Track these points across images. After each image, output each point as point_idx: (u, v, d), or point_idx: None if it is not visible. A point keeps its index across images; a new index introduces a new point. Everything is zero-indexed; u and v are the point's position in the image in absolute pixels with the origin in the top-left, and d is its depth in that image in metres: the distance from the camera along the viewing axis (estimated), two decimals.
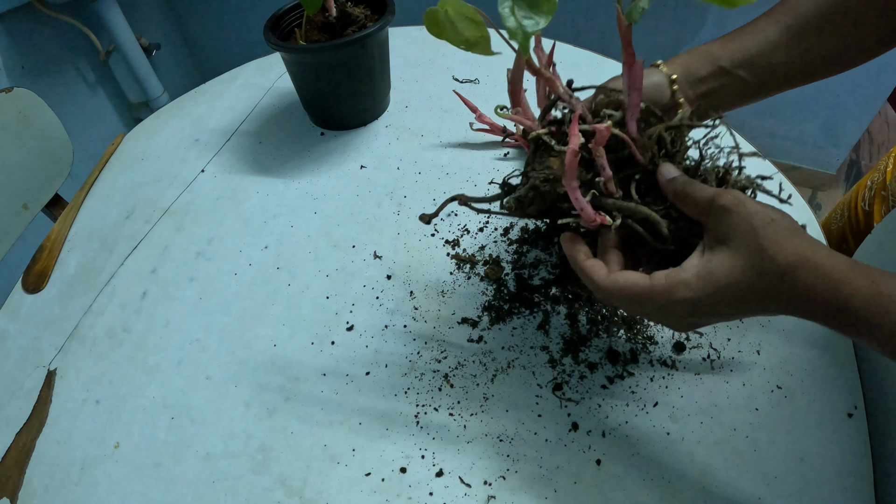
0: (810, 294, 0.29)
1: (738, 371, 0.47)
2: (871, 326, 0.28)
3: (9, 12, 1.16)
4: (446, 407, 0.47)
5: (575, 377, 0.47)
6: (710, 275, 0.30)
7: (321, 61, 0.65)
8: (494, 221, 0.60)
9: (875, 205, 0.58)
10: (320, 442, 0.46)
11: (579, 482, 0.42)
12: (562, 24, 1.47)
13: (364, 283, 0.56)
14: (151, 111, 1.33)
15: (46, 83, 1.30)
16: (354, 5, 0.67)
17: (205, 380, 0.51)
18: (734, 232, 0.30)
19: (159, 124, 0.79)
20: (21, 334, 0.56)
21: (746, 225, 0.30)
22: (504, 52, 0.35)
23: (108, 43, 1.41)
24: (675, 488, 0.41)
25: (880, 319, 0.27)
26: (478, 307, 0.53)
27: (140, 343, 0.54)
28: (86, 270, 0.61)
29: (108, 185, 0.71)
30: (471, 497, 0.42)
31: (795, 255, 0.29)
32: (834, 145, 1.57)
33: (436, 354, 0.50)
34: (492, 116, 0.68)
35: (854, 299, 0.28)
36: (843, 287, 0.28)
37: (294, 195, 0.66)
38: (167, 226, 0.64)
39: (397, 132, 0.73)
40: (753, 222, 0.30)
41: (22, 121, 0.72)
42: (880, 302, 0.27)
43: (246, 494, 0.44)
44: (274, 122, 0.76)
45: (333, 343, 0.52)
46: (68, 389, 0.51)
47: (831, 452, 0.43)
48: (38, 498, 0.45)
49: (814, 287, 0.28)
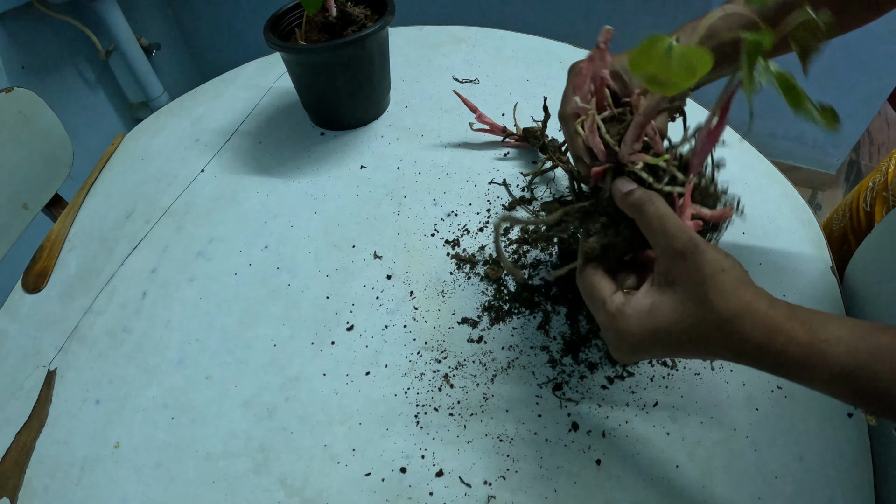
0: (745, 343, 0.30)
1: (738, 371, 0.47)
2: (808, 371, 0.29)
3: (9, 12, 1.16)
4: (446, 407, 0.47)
5: (575, 377, 0.47)
6: (652, 316, 0.31)
7: (321, 61, 0.65)
8: (494, 221, 0.60)
9: (876, 205, 0.58)
10: (320, 442, 0.46)
11: (579, 482, 0.42)
12: (562, 24, 1.47)
13: (364, 283, 0.56)
14: (151, 111, 1.33)
15: (46, 83, 1.30)
16: (354, 5, 0.67)
17: (205, 380, 0.51)
18: (683, 278, 0.30)
19: (159, 124, 0.79)
20: (21, 334, 0.56)
21: (697, 273, 0.30)
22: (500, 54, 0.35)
23: (108, 43, 1.41)
24: (675, 488, 0.41)
25: (819, 361, 0.28)
26: (478, 307, 0.53)
27: (140, 343, 0.54)
28: (86, 270, 0.61)
29: (108, 185, 0.71)
30: (471, 497, 0.42)
31: (737, 306, 0.29)
32: (834, 145, 1.57)
33: (436, 354, 0.50)
34: (492, 116, 0.68)
35: (790, 346, 0.29)
36: (778, 335, 0.29)
37: (294, 195, 0.66)
38: (167, 226, 0.64)
39: (397, 132, 0.73)
40: (705, 271, 0.30)
41: (22, 121, 0.72)
42: (818, 347, 0.28)
43: (246, 494, 0.44)
44: (274, 122, 0.76)
45: (333, 343, 0.52)
46: (68, 389, 0.51)
47: (831, 452, 0.43)
48: (38, 498, 0.45)
49: (750, 336, 0.29)
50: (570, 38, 0.80)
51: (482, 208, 0.62)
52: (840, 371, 0.28)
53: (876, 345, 0.28)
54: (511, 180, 0.65)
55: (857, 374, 0.28)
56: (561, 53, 0.83)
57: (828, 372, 0.28)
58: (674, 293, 0.31)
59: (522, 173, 0.65)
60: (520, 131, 0.67)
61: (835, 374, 0.28)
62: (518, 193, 0.63)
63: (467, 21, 0.94)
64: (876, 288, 0.49)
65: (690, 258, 0.30)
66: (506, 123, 0.70)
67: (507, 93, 0.76)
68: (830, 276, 0.54)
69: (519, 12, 1.48)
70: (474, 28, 0.89)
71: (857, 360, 0.28)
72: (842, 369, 0.28)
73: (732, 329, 0.29)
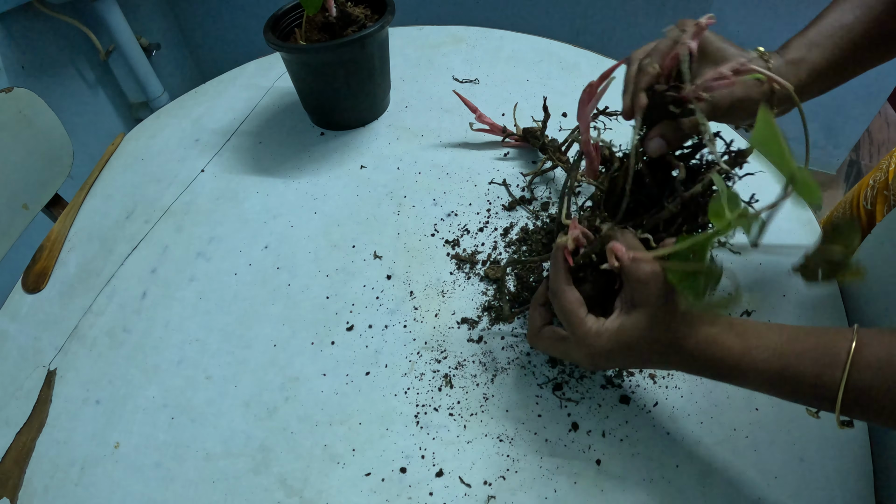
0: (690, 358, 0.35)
1: None
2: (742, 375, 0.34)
3: (9, 12, 1.16)
4: (446, 407, 0.47)
5: (575, 377, 0.47)
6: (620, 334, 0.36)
7: (321, 61, 0.65)
8: (494, 221, 0.60)
9: (877, 204, 0.58)
10: (320, 442, 0.46)
11: (579, 482, 0.42)
12: (562, 24, 1.47)
13: (364, 283, 0.56)
14: (151, 111, 1.33)
15: (46, 83, 1.30)
16: (354, 5, 0.67)
17: (205, 380, 0.51)
18: (644, 303, 0.35)
19: (159, 124, 0.79)
20: (21, 334, 0.56)
21: (654, 299, 0.35)
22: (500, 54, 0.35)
23: (108, 43, 1.41)
24: (675, 488, 0.41)
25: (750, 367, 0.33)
26: (478, 307, 0.53)
27: (140, 343, 0.54)
28: (86, 270, 0.61)
29: (108, 185, 0.71)
30: (471, 497, 0.42)
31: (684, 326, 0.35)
32: (834, 145, 1.57)
33: (436, 354, 0.50)
34: (492, 116, 0.68)
35: (726, 355, 0.34)
36: (715, 348, 0.34)
37: (294, 195, 0.66)
38: (167, 226, 0.64)
39: (397, 132, 0.73)
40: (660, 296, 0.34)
41: (22, 121, 0.72)
42: (750, 354, 0.33)
43: (246, 494, 0.44)
44: (274, 122, 0.76)
45: (333, 343, 0.52)
46: (68, 389, 0.51)
47: (831, 452, 0.43)
48: (38, 498, 0.45)
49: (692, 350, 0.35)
50: (570, 38, 0.81)
51: (482, 208, 0.62)
52: (769, 374, 0.33)
53: (801, 348, 0.33)
54: (511, 180, 0.65)
55: (784, 374, 0.33)
56: (561, 53, 0.83)
57: (759, 375, 0.33)
58: (637, 314, 0.36)
59: (522, 173, 0.65)
60: (520, 131, 0.67)
61: (765, 378, 0.33)
62: (518, 193, 0.63)
63: (467, 21, 0.94)
64: (876, 287, 0.49)
65: (651, 285, 0.35)
66: (506, 123, 0.70)
67: (507, 93, 0.76)
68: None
69: (519, 12, 1.48)
70: (474, 28, 0.89)
71: (783, 363, 0.33)
72: (770, 373, 0.33)
73: (680, 346, 0.35)
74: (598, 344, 0.37)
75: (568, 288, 0.39)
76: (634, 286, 0.35)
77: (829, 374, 0.31)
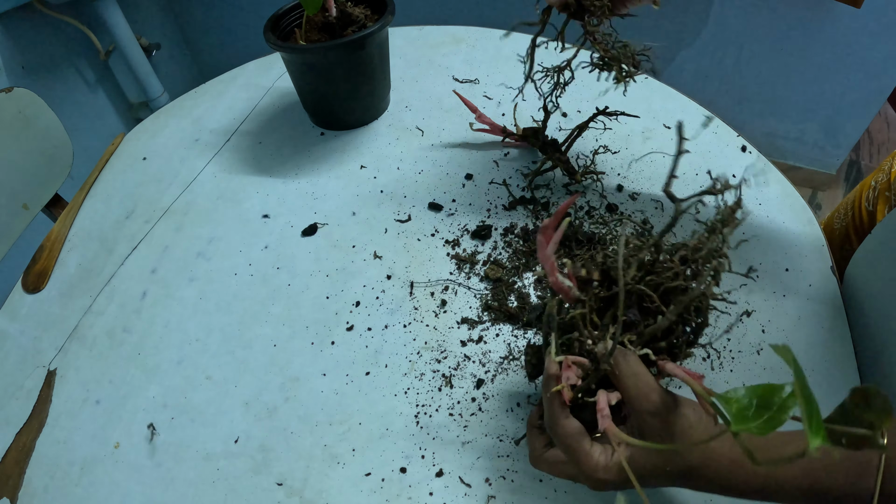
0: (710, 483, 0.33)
1: (738, 371, 0.47)
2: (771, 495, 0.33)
3: (9, 12, 1.16)
4: (446, 407, 0.47)
5: None
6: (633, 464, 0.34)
7: (321, 61, 0.65)
8: (494, 221, 0.60)
9: (879, 204, 0.58)
10: (320, 442, 0.46)
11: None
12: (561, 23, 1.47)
13: (364, 283, 0.56)
14: (151, 111, 1.33)
15: (46, 83, 1.30)
16: (354, 5, 0.67)
17: (205, 380, 0.51)
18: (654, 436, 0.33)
19: (159, 124, 0.79)
20: (21, 334, 0.56)
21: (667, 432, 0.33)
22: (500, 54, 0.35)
23: (108, 43, 1.41)
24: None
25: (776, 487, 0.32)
26: (478, 307, 0.53)
27: (140, 343, 0.54)
28: (86, 270, 0.61)
29: (108, 185, 0.71)
30: (471, 497, 0.42)
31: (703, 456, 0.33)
32: (834, 145, 1.57)
33: (436, 354, 0.50)
34: (492, 116, 0.68)
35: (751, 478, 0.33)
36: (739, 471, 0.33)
37: (294, 195, 0.66)
38: (167, 226, 0.64)
39: (397, 132, 0.73)
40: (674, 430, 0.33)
41: (22, 121, 0.72)
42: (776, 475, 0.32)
43: (246, 494, 0.44)
44: (274, 122, 0.76)
45: (333, 343, 0.52)
46: (68, 389, 0.51)
47: None
48: (38, 498, 0.45)
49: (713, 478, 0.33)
50: (569, 37, 0.80)
51: (482, 208, 0.62)
52: (799, 491, 0.32)
53: (829, 461, 0.31)
54: (511, 180, 0.65)
55: (815, 489, 0.31)
56: (560, 53, 0.83)
57: (787, 495, 0.32)
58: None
59: (522, 173, 0.65)
60: (520, 131, 0.67)
61: (795, 496, 0.32)
62: (518, 193, 0.63)
63: (467, 21, 0.94)
64: (876, 288, 0.49)
65: (661, 418, 0.33)
66: (506, 123, 0.70)
67: (508, 93, 0.76)
68: (830, 276, 0.54)
69: (519, 12, 1.48)
70: (474, 28, 0.89)
71: (813, 478, 0.32)
72: (800, 490, 0.32)
73: (699, 474, 0.33)
74: (608, 478, 0.34)
75: (566, 421, 0.35)
76: (644, 418, 0.33)
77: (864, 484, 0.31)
